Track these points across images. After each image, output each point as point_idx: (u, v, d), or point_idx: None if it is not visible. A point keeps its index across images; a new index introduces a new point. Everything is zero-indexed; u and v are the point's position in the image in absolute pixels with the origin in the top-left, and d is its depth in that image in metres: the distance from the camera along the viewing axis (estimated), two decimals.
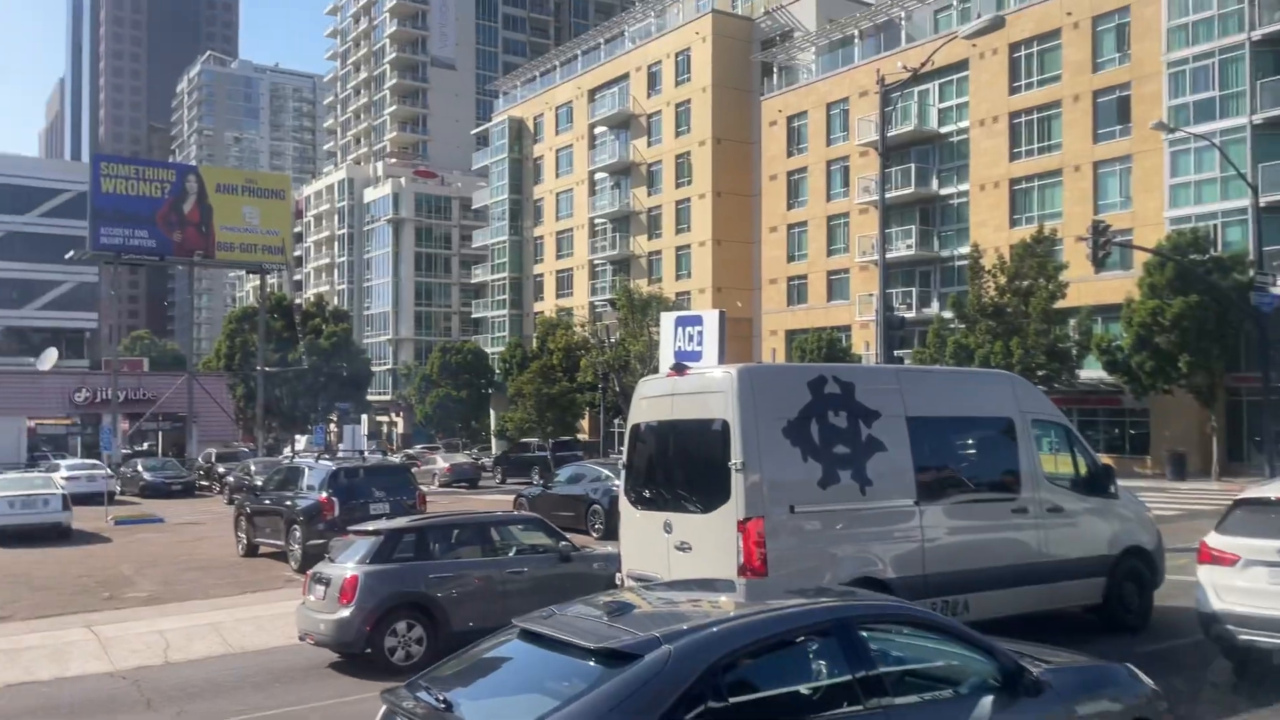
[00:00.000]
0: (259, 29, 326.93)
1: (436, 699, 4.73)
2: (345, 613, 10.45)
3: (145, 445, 58.77)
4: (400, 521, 12.44)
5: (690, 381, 9.71)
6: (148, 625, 13.30)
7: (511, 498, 27.65)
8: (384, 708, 5.05)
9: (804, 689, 4.85)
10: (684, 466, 9.84)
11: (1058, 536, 10.51)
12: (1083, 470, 11.14)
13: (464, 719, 4.58)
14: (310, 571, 11.74)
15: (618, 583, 10.35)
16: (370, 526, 12.08)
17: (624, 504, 10.50)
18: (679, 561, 9.35)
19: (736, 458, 8.77)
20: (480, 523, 12.65)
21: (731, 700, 4.51)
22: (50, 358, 64.51)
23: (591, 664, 4.59)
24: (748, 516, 8.70)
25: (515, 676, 4.99)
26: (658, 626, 4.79)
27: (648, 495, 10.12)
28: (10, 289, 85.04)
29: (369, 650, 10.49)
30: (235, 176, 62.40)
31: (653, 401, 10.21)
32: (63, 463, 39.78)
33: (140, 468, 41.38)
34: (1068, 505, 10.72)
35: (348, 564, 10.99)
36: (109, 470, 36.88)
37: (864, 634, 5.02)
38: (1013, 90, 47.47)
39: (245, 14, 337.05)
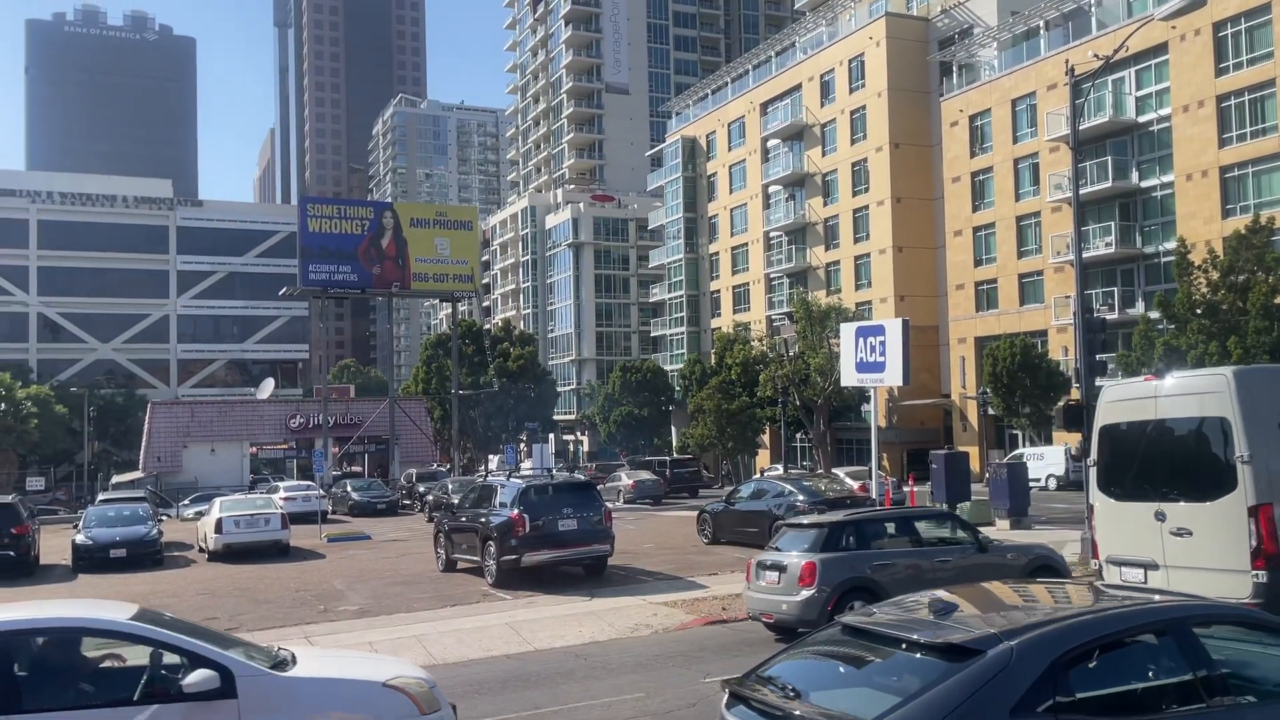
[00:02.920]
0: (445, 70, 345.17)
1: (786, 688, 5.08)
2: (808, 594, 12.02)
3: (353, 467, 62.34)
4: (840, 515, 13.98)
5: (1176, 384, 10.85)
6: (358, 637, 14.08)
7: (694, 514, 27.71)
8: (726, 694, 5.39)
9: (1145, 686, 4.95)
10: (1174, 460, 10.83)
11: None
12: None
13: (818, 706, 4.83)
14: (755, 560, 13.25)
15: (1094, 568, 11.64)
16: (806, 520, 13.97)
17: (1099, 497, 11.54)
18: (1175, 546, 10.41)
19: (1242, 451, 9.79)
20: (905, 517, 14.26)
21: (1078, 696, 4.67)
22: (268, 387, 69.80)
23: (928, 659, 4.79)
24: (1259, 504, 9.70)
25: (845, 670, 5.30)
26: (990, 624, 5.00)
27: (1130, 488, 11.13)
28: (232, 325, 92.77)
29: None
30: (427, 210, 65.75)
31: (1128, 404, 11.27)
32: (281, 484, 42.84)
33: (349, 488, 43.79)
34: None
35: (793, 552, 12.61)
36: (321, 491, 39.35)
37: (1201, 633, 5.07)
38: (1219, 72, 44.04)
39: (432, 56, 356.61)
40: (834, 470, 40.62)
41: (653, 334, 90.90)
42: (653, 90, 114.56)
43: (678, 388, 74.18)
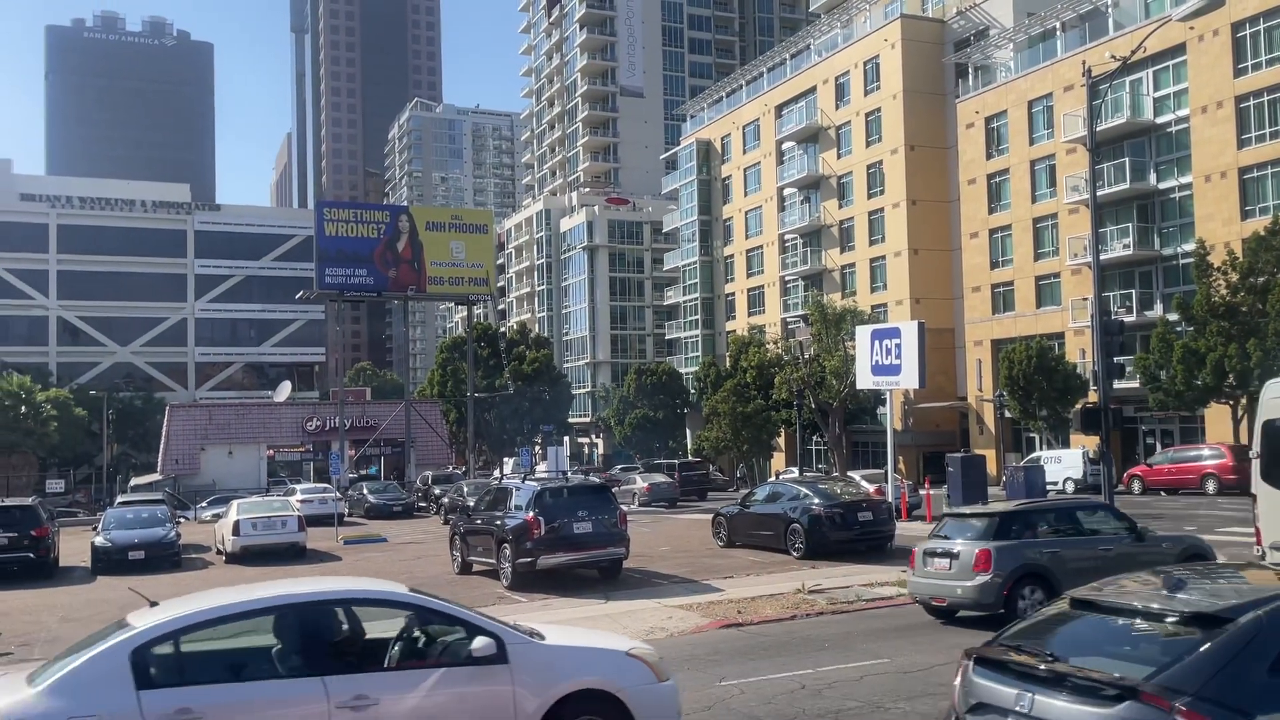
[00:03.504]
0: (460, 74, 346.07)
1: (1041, 652, 5.57)
2: (984, 579, 12.91)
3: (369, 469, 62.59)
4: (1008, 505, 14.93)
5: None
6: None
7: (709, 517, 27.67)
8: (971, 661, 5.90)
9: None
10: None
11: None
12: None
13: (1081, 667, 5.29)
14: (920, 548, 14.08)
15: (1255, 554, 12.22)
16: (968, 510, 15.11)
17: (1262, 487, 12.20)
18: None
19: None
20: (1068, 507, 15.17)
21: None
22: (285, 390, 70.19)
23: (1178, 627, 5.30)
24: None
25: (1092, 637, 5.73)
26: (1230, 597, 5.49)
27: None
28: (249, 328, 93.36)
29: (1003, 610, 12.73)
30: (442, 214, 66.02)
31: None
32: (297, 487, 43.02)
33: (365, 491, 43.92)
34: None
35: (960, 541, 13.52)
36: (338, 493, 39.51)
37: None
38: (1238, 72, 43.71)
39: (447, 61, 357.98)
40: (850, 473, 40.50)
41: (667, 337, 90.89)
42: (667, 93, 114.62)
43: (692, 390, 74.14)
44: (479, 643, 6.82)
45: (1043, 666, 5.43)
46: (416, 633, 7.11)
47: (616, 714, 7.06)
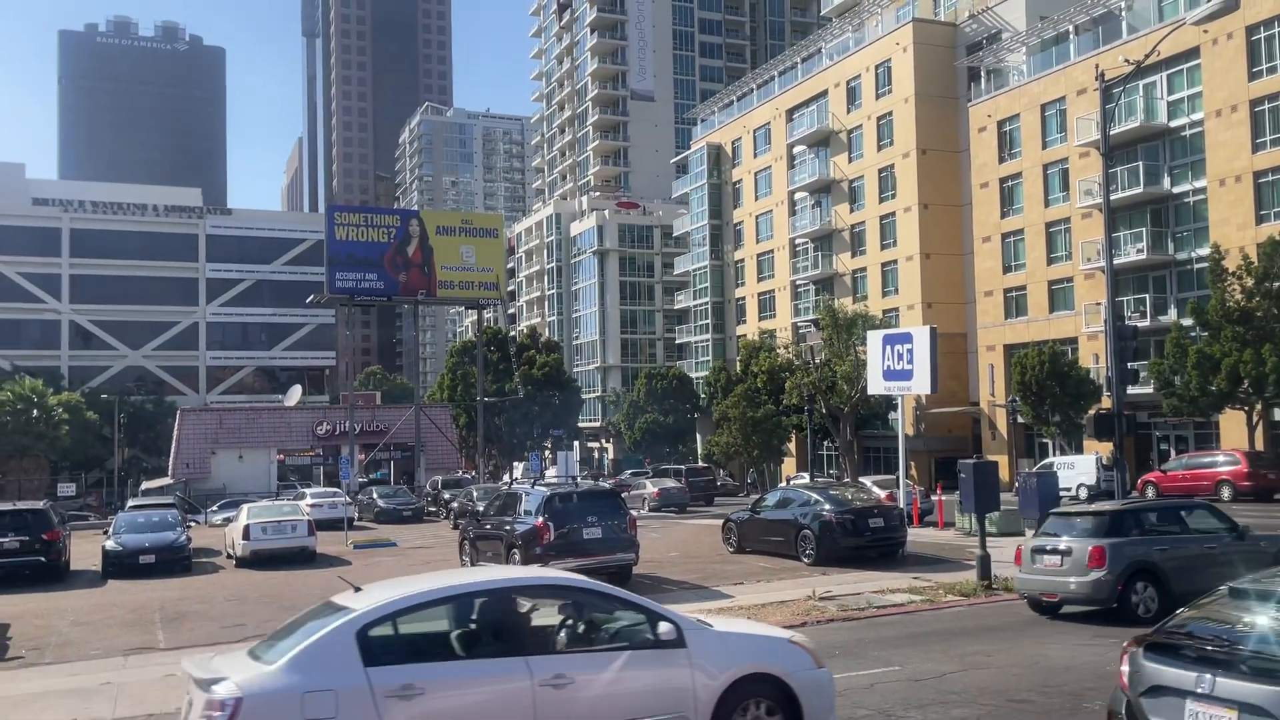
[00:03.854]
0: (471, 78, 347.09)
1: (1214, 638, 6.06)
2: (1098, 575, 13.45)
3: (379, 474, 62.63)
4: (1115, 504, 15.53)
5: None
6: None
7: (719, 522, 27.55)
8: (1136, 649, 6.41)
9: None
10: None
11: None
12: None
13: (1260, 651, 5.78)
14: (1027, 546, 14.75)
15: None
16: (1075, 509, 15.91)
17: None
18: None
19: None
20: (1173, 507, 15.86)
21: None
22: (295, 394, 70.26)
23: None
24: None
25: (1261, 625, 6.08)
26: None
27: None
28: (260, 332, 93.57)
29: (1115, 605, 13.37)
30: (453, 218, 66.03)
31: None
32: (308, 491, 42.99)
33: (375, 495, 43.88)
34: None
35: (1067, 538, 14.05)
36: (348, 498, 39.50)
37: None
38: (1253, 76, 43.44)
39: (458, 65, 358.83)
40: (860, 479, 40.29)
41: (678, 341, 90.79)
42: (678, 97, 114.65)
43: (703, 395, 74.00)
44: (662, 628, 7.34)
45: (1220, 650, 5.91)
46: (601, 618, 7.58)
47: (782, 696, 7.52)
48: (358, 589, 7.47)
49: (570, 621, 7.50)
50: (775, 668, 7.58)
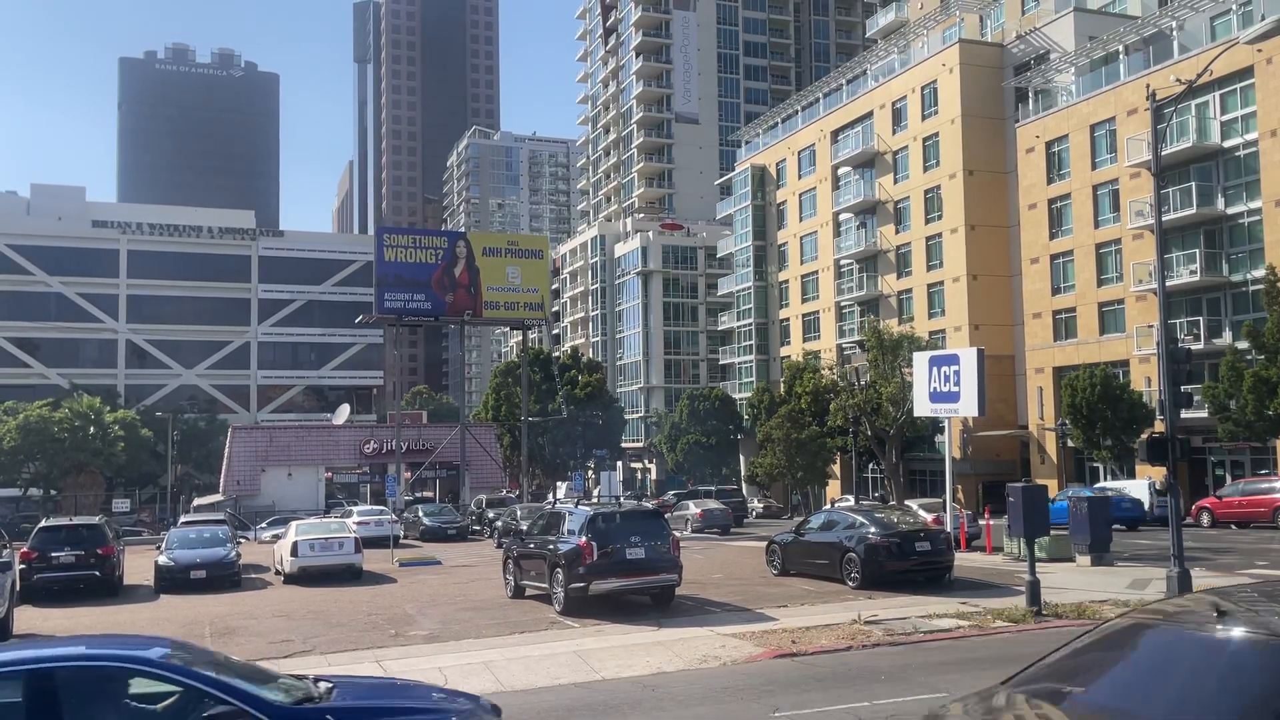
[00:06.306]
0: (518, 102, 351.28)
1: None
2: None
3: (424, 492, 63.11)
4: None
5: None
6: (429, 662, 14.18)
7: (762, 544, 27.40)
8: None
9: None
10: None
11: None
12: None
13: None
14: None
15: None
16: None
17: None
18: None
19: None
20: None
21: None
22: (343, 413, 71.19)
23: None
24: None
25: None
26: None
27: None
28: (310, 352, 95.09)
29: None
30: (499, 240, 66.73)
31: None
32: (355, 509, 43.50)
33: (420, 513, 44.18)
34: None
35: None
36: (394, 516, 39.87)
37: None
38: None
39: (505, 89, 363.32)
40: (907, 502, 39.87)
41: (721, 362, 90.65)
42: (722, 119, 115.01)
43: (746, 416, 73.75)
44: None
45: None
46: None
47: None
48: None
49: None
50: None
